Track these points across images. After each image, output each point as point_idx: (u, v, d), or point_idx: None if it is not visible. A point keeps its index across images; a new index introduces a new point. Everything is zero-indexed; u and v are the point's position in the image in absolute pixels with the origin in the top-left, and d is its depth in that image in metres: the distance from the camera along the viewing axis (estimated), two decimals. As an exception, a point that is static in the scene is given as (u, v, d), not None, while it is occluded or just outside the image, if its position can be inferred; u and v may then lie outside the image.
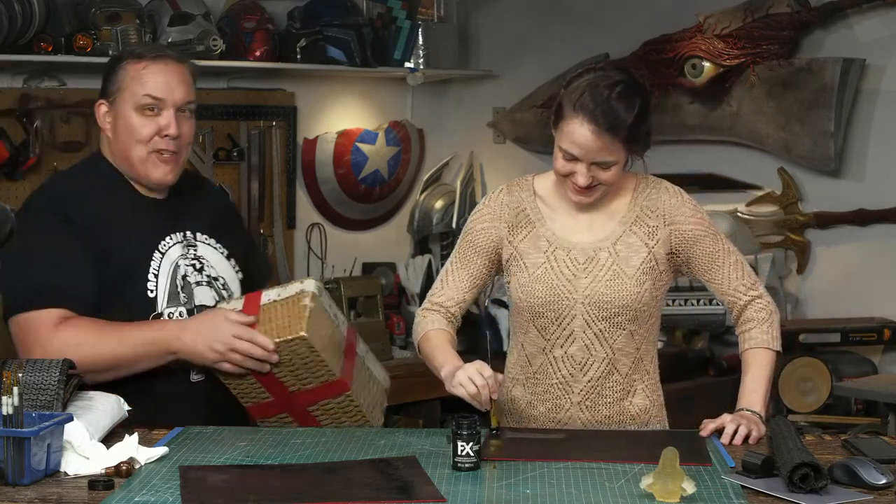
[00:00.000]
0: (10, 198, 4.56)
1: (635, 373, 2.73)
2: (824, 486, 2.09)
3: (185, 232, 2.80)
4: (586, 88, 2.59)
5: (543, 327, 2.71)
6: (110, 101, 2.76)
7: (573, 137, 2.59)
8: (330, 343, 2.64)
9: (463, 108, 5.88)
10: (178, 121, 2.74)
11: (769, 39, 4.74)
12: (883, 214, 4.59)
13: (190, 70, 2.79)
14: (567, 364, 2.71)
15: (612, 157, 2.61)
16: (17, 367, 2.42)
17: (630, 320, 2.69)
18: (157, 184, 2.77)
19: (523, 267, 2.73)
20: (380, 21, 5.38)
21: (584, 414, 2.71)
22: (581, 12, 5.39)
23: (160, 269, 2.72)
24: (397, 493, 2.14)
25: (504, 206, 2.78)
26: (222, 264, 2.84)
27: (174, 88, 2.73)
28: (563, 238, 2.72)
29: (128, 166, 2.77)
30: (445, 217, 5.67)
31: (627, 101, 2.59)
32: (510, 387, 2.79)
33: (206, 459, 2.32)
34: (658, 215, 2.71)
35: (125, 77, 2.74)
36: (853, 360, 4.42)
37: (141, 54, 2.76)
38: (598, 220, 2.73)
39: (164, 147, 2.73)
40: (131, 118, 2.73)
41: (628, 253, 2.69)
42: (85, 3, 4.60)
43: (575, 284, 2.68)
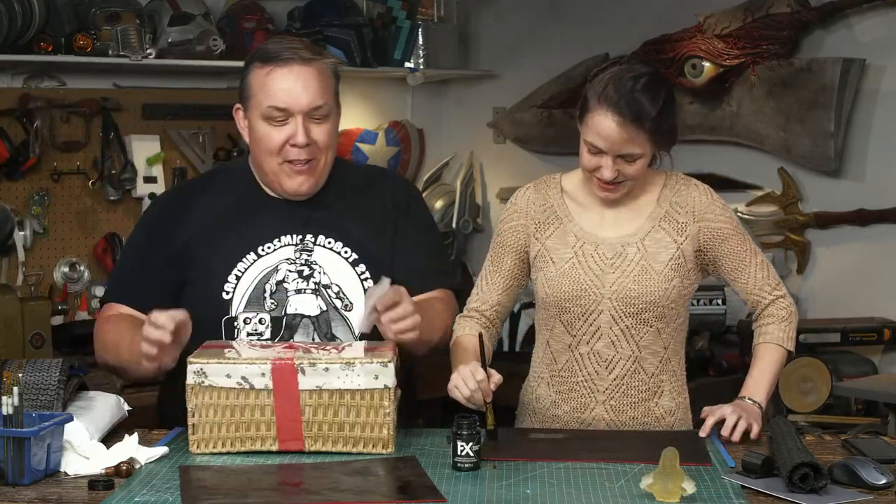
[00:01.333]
0: (10, 198, 4.57)
1: (662, 373, 2.72)
2: (824, 486, 2.10)
3: (305, 235, 2.66)
4: (610, 80, 2.61)
5: (570, 323, 2.71)
6: (245, 106, 2.65)
7: (598, 129, 2.61)
8: None
9: (463, 108, 5.88)
10: (309, 127, 2.59)
11: (769, 39, 4.74)
12: (883, 214, 4.59)
13: (322, 69, 2.62)
14: (593, 361, 2.70)
15: (637, 150, 2.61)
16: (17, 367, 2.42)
17: (657, 317, 2.68)
18: (293, 195, 2.65)
19: (550, 262, 2.72)
20: (380, 21, 5.38)
21: (609, 414, 2.70)
22: (581, 12, 5.39)
23: (246, 272, 2.61)
24: (397, 493, 2.14)
25: (531, 203, 2.78)
26: (343, 271, 2.65)
27: (299, 95, 2.58)
28: (591, 233, 2.73)
29: (263, 175, 2.68)
30: (445, 217, 5.67)
31: (652, 92, 2.60)
32: (535, 385, 2.79)
33: (206, 459, 2.32)
34: (687, 212, 2.72)
35: (253, 83, 2.61)
36: (853, 360, 4.42)
37: (268, 57, 2.61)
38: (626, 216, 2.73)
39: (296, 157, 2.60)
40: (260, 128, 2.61)
41: (657, 249, 2.70)
42: (85, 3, 4.60)
43: (602, 280, 2.69)
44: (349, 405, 2.33)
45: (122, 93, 4.85)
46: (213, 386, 2.31)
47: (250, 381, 2.31)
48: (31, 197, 4.65)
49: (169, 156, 4.92)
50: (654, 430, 2.71)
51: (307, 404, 2.33)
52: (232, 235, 2.63)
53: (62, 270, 4.71)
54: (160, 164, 4.88)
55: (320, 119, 2.61)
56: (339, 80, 2.69)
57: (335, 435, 2.34)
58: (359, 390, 2.32)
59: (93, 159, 4.76)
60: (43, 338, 4.11)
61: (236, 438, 2.34)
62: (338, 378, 2.32)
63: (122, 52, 4.57)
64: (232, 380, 2.31)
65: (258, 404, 2.32)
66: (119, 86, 4.87)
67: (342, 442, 2.34)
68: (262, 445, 2.34)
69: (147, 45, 4.63)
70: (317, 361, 2.32)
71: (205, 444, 2.34)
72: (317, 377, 2.31)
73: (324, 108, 2.61)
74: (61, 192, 4.72)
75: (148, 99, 4.90)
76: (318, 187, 2.66)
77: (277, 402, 2.32)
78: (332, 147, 2.66)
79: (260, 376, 2.31)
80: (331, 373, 2.31)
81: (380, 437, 2.34)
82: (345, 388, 2.32)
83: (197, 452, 2.33)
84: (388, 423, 2.34)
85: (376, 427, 2.34)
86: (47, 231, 4.70)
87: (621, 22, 5.21)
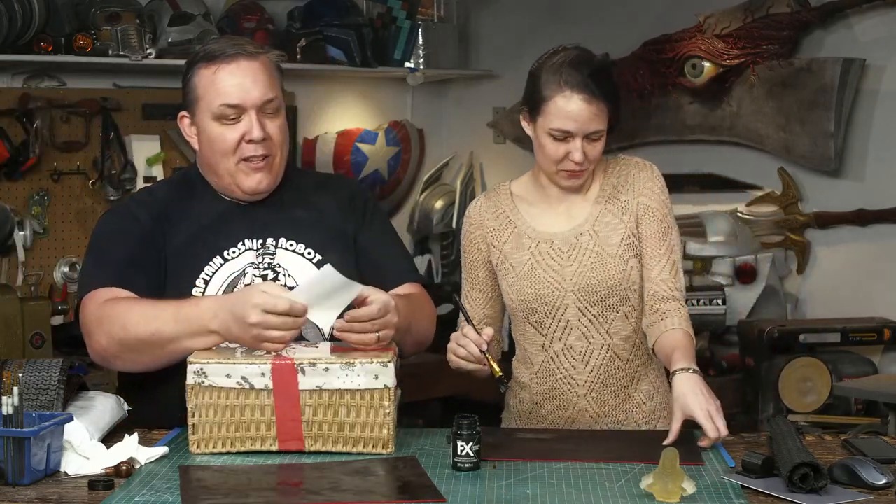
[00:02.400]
0: (10, 198, 4.57)
1: (637, 358, 2.74)
2: (824, 486, 2.09)
3: (266, 239, 2.61)
4: (563, 66, 2.66)
5: (539, 323, 2.73)
6: (191, 111, 2.60)
7: (566, 112, 2.64)
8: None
9: (463, 108, 5.88)
10: (262, 121, 2.55)
11: (769, 39, 4.74)
12: (883, 214, 4.59)
13: (267, 63, 2.58)
14: (568, 356, 2.72)
15: (601, 125, 2.66)
16: (17, 367, 2.42)
17: (621, 301, 2.70)
18: (251, 193, 2.61)
19: (510, 268, 2.76)
20: (380, 21, 5.39)
21: (592, 407, 2.73)
22: (581, 12, 5.39)
23: (215, 275, 2.58)
24: (397, 493, 2.14)
25: (483, 213, 2.82)
26: (309, 273, 2.59)
27: (250, 89, 2.53)
28: (544, 231, 2.76)
29: (218, 179, 2.62)
30: (445, 217, 5.67)
31: (601, 69, 2.68)
32: (518, 390, 2.82)
33: (206, 459, 2.32)
34: (628, 188, 2.75)
35: (199, 84, 2.56)
36: (853, 360, 4.42)
37: (212, 56, 2.56)
38: (575, 206, 2.76)
39: (253, 153, 2.55)
40: (212, 129, 2.56)
41: (607, 232, 2.72)
42: (85, 3, 4.60)
43: (562, 274, 2.71)
44: (349, 405, 2.33)
45: (122, 93, 4.85)
46: (213, 386, 2.31)
47: (250, 381, 2.31)
48: (31, 197, 4.66)
49: (169, 156, 4.92)
50: (655, 430, 2.71)
51: (307, 404, 2.32)
52: (199, 241, 2.60)
53: (62, 270, 4.72)
54: (160, 164, 4.88)
55: (273, 113, 2.58)
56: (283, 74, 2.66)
57: (335, 435, 2.34)
58: (359, 390, 2.32)
59: (93, 159, 4.77)
60: (43, 338, 4.11)
61: (236, 438, 2.34)
62: (338, 378, 2.32)
63: (122, 52, 4.58)
64: (232, 380, 2.31)
65: (258, 404, 2.32)
66: (119, 86, 4.87)
67: (342, 442, 2.34)
68: (262, 445, 2.34)
69: (147, 45, 4.63)
70: (317, 361, 2.32)
71: (205, 444, 2.34)
72: (317, 377, 2.31)
73: (275, 101, 2.57)
74: (61, 192, 4.72)
75: (148, 99, 4.91)
76: (275, 185, 2.63)
77: (277, 402, 2.32)
78: (286, 143, 2.63)
79: (260, 376, 2.31)
80: (331, 373, 2.31)
81: (380, 437, 2.34)
82: (345, 388, 2.32)
83: (197, 452, 2.33)
84: (388, 423, 2.34)
85: (376, 427, 2.34)
86: (47, 231, 4.70)
87: (621, 22, 5.22)
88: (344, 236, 2.69)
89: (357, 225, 2.71)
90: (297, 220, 2.66)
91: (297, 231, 2.64)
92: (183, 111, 2.63)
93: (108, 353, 2.48)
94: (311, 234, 2.64)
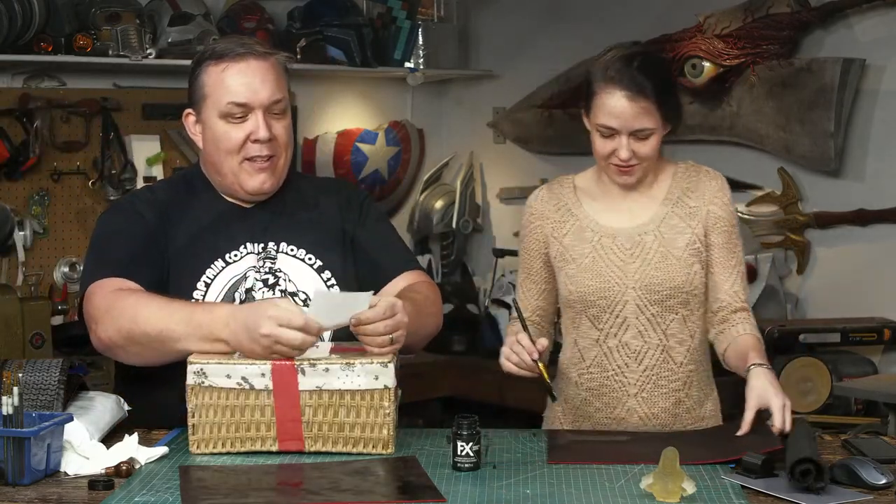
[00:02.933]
0: (10, 198, 4.57)
1: (690, 363, 2.74)
2: (823, 488, 2.09)
3: (268, 243, 2.61)
4: (611, 62, 2.67)
5: (595, 317, 2.73)
6: (197, 109, 2.60)
7: (609, 108, 2.64)
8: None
9: (463, 108, 5.88)
10: (269, 122, 2.55)
11: (769, 39, 4.74)
12: (883, 214, 4.59)
13: (276, 64, 2.58)
14: (622, 353, 2.72)
15: (648, 124, 2.64)
16: (17, 367, 2.42)
17: (682, 303, 2.70)
18: (254, 194, 2.60)
19: (570, 259, 2.75)
20: (380, 21, 5.39)
21: (642, 407, 2.72)
22: (581, 12, 5.39)
23: (216, 279, 2.57)
24: (397, 493, 2.14)
25: (545, 204, 2.82)
26: (309, 278, 2.60)
27: (258, 89, 2.53)
28: (608, 226, 2.75)
29: (221, 179, 2.61)
30: (445, 217, 5.67)
31: (654, 66, 2.68)
32: (563, 387, 2.80)
33: (206, 459, 2.32)
34: (698, 196, 2.75)
35: (207, 82, 2.56)
36: (853, 360, 4.42)
37: (221, 55, 2.56)
38: (640, 206, 2.76)
39: (257, 153, 2.55)
40: (218, 127, 2.55)
41: (673, 235, 2.72)
42: (85, 3, 4.60)
43: (625, 270, 2.71)
44: (349, 405, 2.33)
45: (122, 93, 4.85)
46: (213, 386, 2.31)
47: (250, 382, 2.31)
48: (31, 197, 4.66)
49: (169, 156, 4.93)
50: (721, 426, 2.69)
51: (307, 404, 2.32)
52: (200, 242, 2.60)
53: (62, 270, 4.72)
54: (160, 164, 4.88)
55: (279, 114, 2.58)
56: (290, 76, 2.66)
57: (335, 435, 2.34)
58: (359, 390, 2.32)
59: (93, 159, 4.77)
60: (43, 338, 4.12)
61: (236, 439, 2.34)
62: (338, 378, 2.32)
63: (122, 52, 4.58)
64: (232, 380, 2.31)
65: (258, 404, 2.32)
66: (119, 86, 4.87)
67: (342, 442, 2.34)
68: (262, 446, 2.34)
69: (147, 45, 4.63)
70: (317, 362, 2.32)
71: (205, 444, 2.34)
72: (317, 377, 2.31)
73: (282, 102, 2.58)
74: (61, 192, 4.73)
75: (148, 99, 4.91)
76: (278, 186, 2.63)
77: (277, 403, 2.32)
78: (290, 146, 2.63)
79: (260, 377, 2.31)
80: (331, 373, 2.31)
81: (380, 437, 2.34)
82: (345, 389, 2.32)
83: (197, 452, 2.33)
84: (388, 424, 2.34)
85: (376, 427, 2.34)
86: (47, 231, 4.70)
87: (621, 22, 5.21)
88: (343, 239, 2.68)
89: (354, 225, 2.70)
90: (298, 224, 2.65)
91: (298, 235, 2.64)
92: (188, 109, 2.63)
93: (112, 343, 2.46)
94: (312, 238, 2.64)
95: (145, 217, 2.60)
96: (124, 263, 2.54)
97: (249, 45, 2.58)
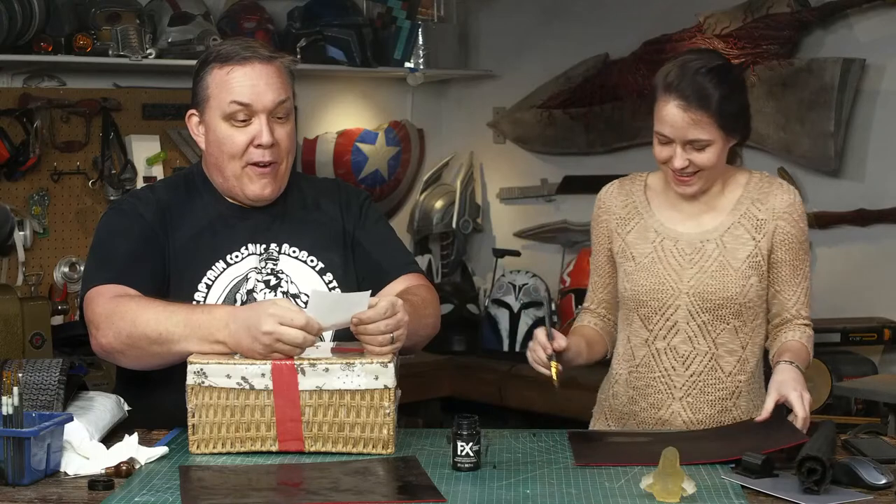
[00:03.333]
0: (10, 198, 4.57)
1: (740, 374, 2.72)
2: (818, 491, 2.09)
3: (270, 244, 2.61)
4: (674, 67, 2.64)
5: (646, 317, 2.72)
6: (200, 110, 2.59)
7: (662, 116, 2.62)
8: None
9: (463, 108, 5.88)
10: (272, 126, 2.54)
11: (769, 39, 4.74)
12: (883, 214, 4.59)
13: (281, 68, 2.58)
14: (669, 356, 2.71)
15: (703, 135, 2.60)
16: (17, 367, 2.42)
17: (734, 314, 2.68)
18: (254, 199, 2.59)
19: (630, 257, 2.75)
20: (380, 21, 5.39)
21: (686, 412, 2.71)
22: (581, 12, 5.39)
23: (217, 280, 2.57)
24: (397, 493, 2.14)
25: (613, 199, 2.82)
26: (310, 280, 2.61)
27: (262, 92, 2.53)
28: (671, 229, 2.74)
29: (222, 181, 2.60)
30: (445, 217, 5.67)
31: (716, 76, 2.60)
32: (612, 383, 2.82)
33: (206, 459, 2.32)
34: (768, 209, 2.71)
35: (212, 83, 2.56)
36: (853, 360, 4.42)
37: (227, 57, 2.55)
38: (706, 213, 2.74)
39: (260, 158, 2.54)
40: (221, 129, 2.55)
41: (735, 246, 2.70)
42: (85, 3, 4.60)
43: (681, 275, 2.70)
44: (349, 405, 2.33)
45: (122, 93, 4.86)
46: (213, 386, 2.31)
47: (250, 382, 2.31)
48: (31, 197, 4.66)
49: (169, 156, 4.92)
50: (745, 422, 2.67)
51: (307, 405, 2.32)
52: (201, 243, 2.59)
53: (62, 270, 4.72)
54: (160, 164, 4.88)
55: (283, 118, 2.57)
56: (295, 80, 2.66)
57: (335, 435, 2.34)
58: (359, 390, 2.32)
59: (93, 159, 4.77)
60: (43, 338, 4.11)
61: (236, 439, 2.34)
62: (338, 378, 2.32)
63: (122, 52, 4.58)
64: (232, 380, 2.31)
65: (258, 405, 2.32)
66: (119, 86, 4.87)
67: (342, 442, 2.34)
68: (262, 446, 2.34)
69: (147, 45, 4.63)
70: (317, 362, 2.32)
71: (205, 444, 2.34)
72: (317, 377, 2.31)
73: (287, 104, 2.57)
74: (61, 192, 4.73)
75: (148, 99, 4.91)
76: (279, 192, 2.62)
77: (277, 403, 2.32)
78: (293, 152, 2.63)
79: (260, 377, 2.31)
80: (331, 373, 2.31)
81: (380, 437, 2.34)
82: (345, 389, 2.32)
83: (197, 453, 2.33)
84: (389, 424, 2.34)
85: (376, 427, 2.34)
86: (47, 231, 4.70)
87: (621, 22, 5.22)
88: (344, 240, 2.68)
89: (354, 226, 2.70)
90: (300, 225, 2.65)
91: (299, 237, 2.63)
92: (192, 110, 2.63)
93: (112, 348, 2.46)
94: (313, 240, 2.64)
95: (146, 218, 2.60)
96: (124, 267, 2.54)
97: (254, 49, 2.58)
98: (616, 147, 5.30)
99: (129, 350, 2.45)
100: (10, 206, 4.46)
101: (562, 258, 5.45)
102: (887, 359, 4.54)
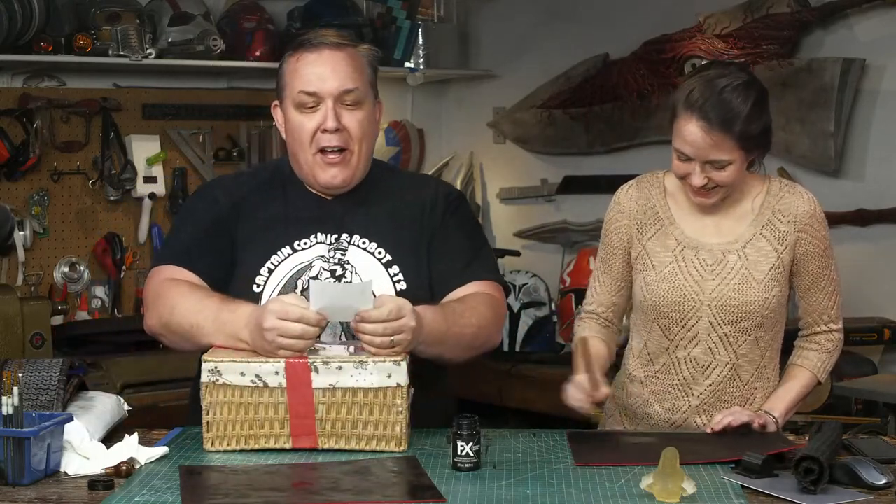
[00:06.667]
0: (10, 198, 4.57)
1: (757, 380, 2.71)
2: (815, 491, 2.09)
3: (341, 234, 2.60)
4: (697, 85, 2.57)
5: (667, 328, 2.69)
6: (280, 100, 2.62)
7: (684, 135, 2.56)
8: None
9: (463, 108, 5.88)
10: (340, 112, 2.54)
11: (769, 39, 4.74)
12: (883, 214, 4.59)
13: (354, 55, 2.57)
14: (689, 366, 2.69)
15: (725, 156, 2.56)
16: (17, 367, 2.42)
17: (756, 326, 2.66)
18: (327, 187, 2.59)
19: (650, 266, 2.70)
20: (380, 21, 5.39)
21: (701, 417, 2.69)
22: (581, 12, 5.39)
23: (280, 265, 2.57)
24: (397, 493, 2.14)
25: (633, 202, 2.75)
26: (375, 272, 2.56)
27: (327, 78, 2.53)
28: (693, 238, 2.69)
29: (299, 169, 2.62)
30: (445, 217, 5.67)
31: (739, 97, 2.54)
32: (626, 382, 2.79)
33: (206, 459, 2.32)
34: (790, 220, 2.67)
35: (286, 72, 2.59)
36: (853, 360, 4.41)
37: (299, 45, 2.58)
38: (727, 222, 2.69)
39: (327, 143, 2.54)
40: (293, 117, 2.57)
41: (757, 257, 2.66)
42: (85, 3, 4.60)
43: (702, 286, 2.66)
44: (362, 403, 2.34)
45: (122, 93, 4.86)
46: (227, 384, 2.32)
47: (264, 380, 2.32)
48: (31, 197, 4.66)
49: (169, 156, 4.93)
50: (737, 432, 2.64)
51: (320, 402, 2.33)
52: (271, 229, 2.60)
53: (62, 270, 4.72)
54: (160, 164, 4.89)
55: (352, 105, 2.56)
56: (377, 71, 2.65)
57: (348, 433, 2.35)
58: (372, 388, 2.33)
59: (93, 159, 4.77)
60: (43, 338, 4.11)
61: (250, 436, 2.34)
62: (351, 376, 2.32)
63: (122, 52, 4.58)
64: (246, 378, 2.32)
65: (272, 402, 2.33)
66: (119, 86, 4.87)
67: (355, 440, 2.35)
68: (275, 443, 2.35)
69: (147, 45, 4.63)
70: (330, 360, 2.32)
71: (219, 441, 2.34)
72: (330, 375, 2.32)
73: (354, 93, 2.55)
74: (61, 192, 4.73)
75: (148, 99, 4.91)
76: (352, 181, 2.61)
77: (291, 400, 2.32)
78: (367, 139, 2.59)
79: (274, 374, 2.31)
80: (344, 371, 2.32)
81: (393, 434, 2.34)
82: (358, 387, 2.32)
83: (211, 450, 2.34)
84: (401, 421, 2.34)
85: (389, 425, 2.34)
86: (47, 231, 4.70)
87: (621, 22, 5.22)
88: (420, 239, 2.64)
89: (435, 224, 2.66)
90: (374, 218, 2.63)
91: (372, 230, 2.61)
92: (275, 101, 2.66)
93: (154, 331, 2.57)
94: (386, 234, 2.61)
95: (220, 202, 2.64)
96: (186, 250, 2.60)
97: (326, 36, 2.60)
98: (616, 147, 5.30)
99: (168, 335, 2.53)
100: (10, 206, 4.46)
101: (562, 258, 5.45)
102: (887, 359, 4.54)
